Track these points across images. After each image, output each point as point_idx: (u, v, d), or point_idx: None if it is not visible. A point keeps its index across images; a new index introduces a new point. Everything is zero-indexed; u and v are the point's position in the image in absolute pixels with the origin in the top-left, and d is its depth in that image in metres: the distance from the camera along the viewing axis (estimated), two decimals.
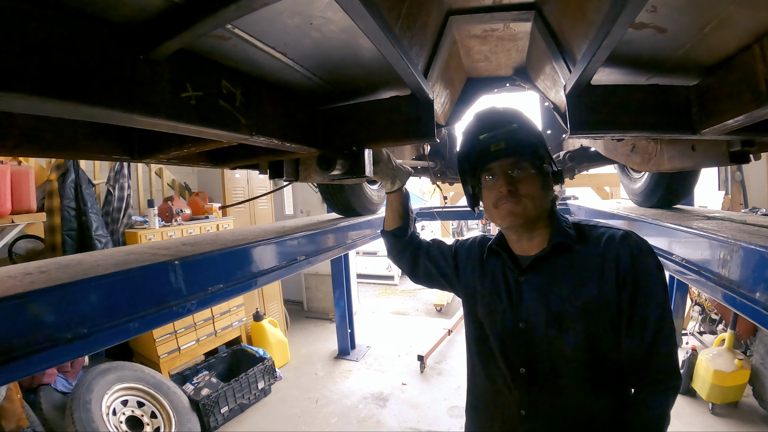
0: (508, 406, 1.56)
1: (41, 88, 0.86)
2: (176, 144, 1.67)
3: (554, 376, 1.44)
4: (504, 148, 1.46)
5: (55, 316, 1.26)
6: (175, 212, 5.51)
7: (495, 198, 1.48)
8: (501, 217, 1.49)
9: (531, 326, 1.48)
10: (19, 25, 0.82)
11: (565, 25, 1.51)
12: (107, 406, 4.01)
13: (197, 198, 6.23)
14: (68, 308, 1.29)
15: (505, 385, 1.56)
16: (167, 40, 1.01)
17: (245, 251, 2.09)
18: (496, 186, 1.48)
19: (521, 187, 1.45)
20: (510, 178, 1.46)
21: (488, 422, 1.67)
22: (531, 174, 1.46)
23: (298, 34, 1.23)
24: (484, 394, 1.69)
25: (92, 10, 0.95)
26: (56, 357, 1.25)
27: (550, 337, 1.44)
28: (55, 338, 1.24)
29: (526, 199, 1.44)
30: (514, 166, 1.46)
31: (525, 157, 1.47)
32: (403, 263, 2.01)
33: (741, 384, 4.57)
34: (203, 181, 6.96)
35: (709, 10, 1.14)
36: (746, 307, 1.42)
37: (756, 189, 6.79)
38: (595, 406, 1.45)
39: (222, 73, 1.33)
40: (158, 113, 1.10)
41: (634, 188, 3.37)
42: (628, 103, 1.66)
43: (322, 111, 1.91)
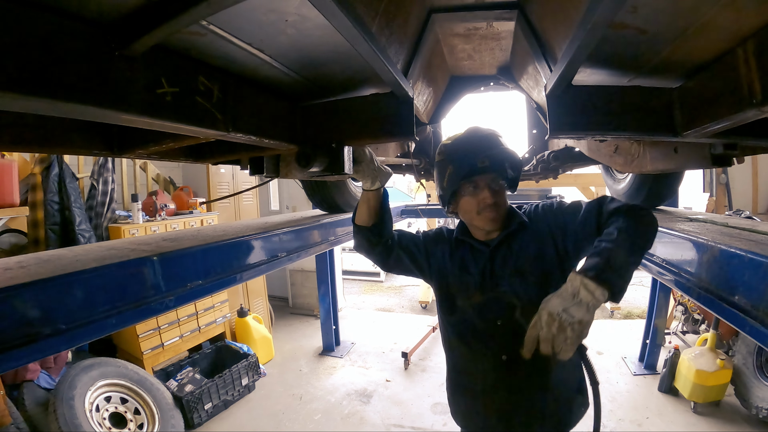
0: (490, 357, 1.84)
1: (16, 85, 0.87)
2: (154, 140, 1.66)
3: (526, 321, 1.48)
4: (489, 165, 1.74)
5: (34, 312, 1.27)
6: (159, 207, 5.46)
7: (478, 206, 1.79)
8: (483, 222, 1.82)
9: (500, 286, 1.80)
10: None
11: (547, 25, 1.52)
12: (90, 402, 3.98)
13: (182, 193, 6.18)
14: (47, 304, 1.30)
15: (483, 342, 1.86)
16: (142, 37, 1.01)
17: (225, 247, 2.08)
18: (480, 196, 1.78)
19: (499, 200, 1.79)
20: (493, 191, 1.77)
21: (470, 381, 1.95)
22: (503, 186, 1.83)
23: (274, 30, 1.23)
24: (463, 360, 1.98)
25: (67, 5, 0.94)
26: (35, 352, 1.26)
27: (515, 288, 1.76)
28: (34, 334, 1.25)
29: (501, 207, 1.81)
30: (494, 180, 1.79)
31: (502, 173, 1.80)
32: (373, 256, 2.10)
33: (723, 383, 4.61)
34: (188, 176, 6.91)
35: (691, 13, 1.14)
36: (724, 310, 1.43)
37: (740, 191, 6.87)
38: None
39: (199, 69, 1.33)
40: (133, 109, 1.10)
41: (618, 189, 3.39)
42: (610, 104, 1.68)
43: (302, 107, 1.91)
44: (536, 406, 1.83)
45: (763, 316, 1.23)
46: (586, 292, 1.29)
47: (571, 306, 1.30)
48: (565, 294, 1.33)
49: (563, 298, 1.32)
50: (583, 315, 1.28)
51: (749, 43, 1.21)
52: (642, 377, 5.48)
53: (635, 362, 5.80)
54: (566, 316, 1.28)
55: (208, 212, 6.16)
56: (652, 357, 5.66)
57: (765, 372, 4.46)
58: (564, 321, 1.28)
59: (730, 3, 1.05)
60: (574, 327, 1.27)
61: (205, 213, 6.07)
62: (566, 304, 1.30)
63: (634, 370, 5.62)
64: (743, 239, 1.61)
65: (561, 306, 1.30)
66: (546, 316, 1.32)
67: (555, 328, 1.29)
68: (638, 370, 5.64)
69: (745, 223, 2.19)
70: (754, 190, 6.88)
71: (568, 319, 1.28)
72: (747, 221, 2.32)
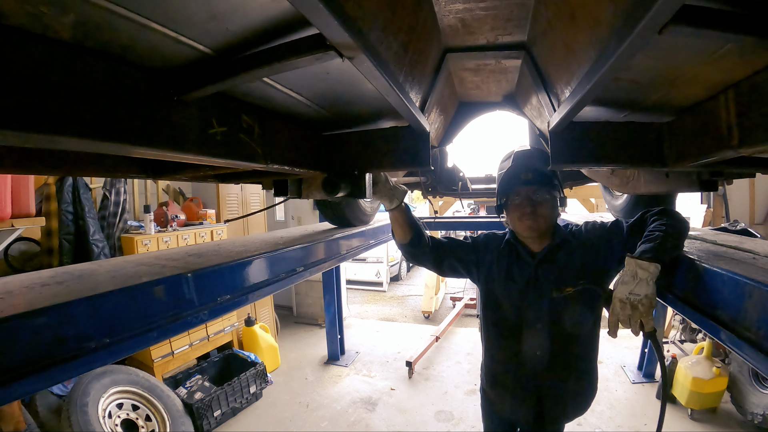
0: (526, 352, 2.12)
1: (91, 131, 0.99)
2: (193, 167, 1.80)
3: (559, 320, 2.04)
4: (531, 179, 2.03)
5: (80, 327, 1.30)
6: (170, 218, 5.55)
7: (519, 214, 2.06)
8: (522, 229, 2.09)
9: (542, 292, 2.04)
10: (65, 73, 0.94)
11: (551, 69, 1.66)
12: (103, 409, 4.04)
13: (192, 204, 6.27)
14: (92, 319, 1.34)
15: (521, 340, 2.12)
16: (203, 87, 1.16)
17: (251, 263, 2.17)
18: (522, 205, 2.04)
19: (539, 209, 2.02)
20: (532, 201, 2.03)
21: (506, 371, 2.25)
22: (546, 199, 2.04)
23: (315, 79, 1.38)
24: (500, 353, 2.25)
25: (132, 57, 1.07)
26: (81, 366, 1.30)
27: (552, 292, 1.91)
28: (80, 348, 1.29)
29: (541, 218, 2.03)
30: (536, 192, 2.03)
31: (544, 186, 2.04)
32: (426, 264, 2.37)
33: (719, 391, 4.72)
34: (197, 187, 7.00)
35: (678, 69, 1.30)
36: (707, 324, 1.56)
37: (738, 202, 6.95)
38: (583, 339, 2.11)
39: (242, 108, 1.47)
40: (191, 149, 1.24)
41: (616, 205, 3.54)
42: (606, 138, 1.89)
43: (325, 137, 2.06)
44: (562, 392, 2.14)
45: (740, 329, 1.37)
46: (641, 270, 1.57)
47: (634, 287, 1.57)
48: (626, 278, 1.61)
49: (625, 283, 1.60)
50: (646, 290, 1.55)
51: (730, 92, 1.36)
52: (640, 385, 5.59)
53: (634, 371, 5.90)
54: (633, 297, 1.56)
55: (217, 223, 6.26)
56: (650, 366, 5.76)
57: (760, 379, 4.56)
58: (633, 301, 1.56)
59: (713, 62, 1.20)
60: (642, 302, 1.55)
61: (214, 224, 6.16)
62: (630, 286, 1.58)
63: (632, 379, 5.73)
64: (726, 258, 1.74)
65: (627, 290, 1.58)
66: (618, 303, 1.61)
67: (628, 309, 1.57)
68: (637, 378, 5.74)
69: (732, 239, 2.30)
70: (751, 200, 6.96)
71: (635, 299, 1.56)
72: (734, 237, 2.43)
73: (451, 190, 3.61)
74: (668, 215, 1.82)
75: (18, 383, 1.12)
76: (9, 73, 0.85)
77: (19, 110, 0.86)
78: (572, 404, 2.19)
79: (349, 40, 0.86)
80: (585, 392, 2.20)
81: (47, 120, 0.91)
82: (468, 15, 1.60)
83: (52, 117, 0.92)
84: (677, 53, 1.21)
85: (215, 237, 6.01)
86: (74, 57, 0.96)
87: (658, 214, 1.85)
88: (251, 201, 7.28)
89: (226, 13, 0.96)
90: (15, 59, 0.86)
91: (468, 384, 5.75)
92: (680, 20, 0.82)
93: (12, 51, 0.85)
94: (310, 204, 8.41)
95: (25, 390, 1.16)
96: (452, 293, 10.70)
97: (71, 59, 0.96)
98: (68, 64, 0.95)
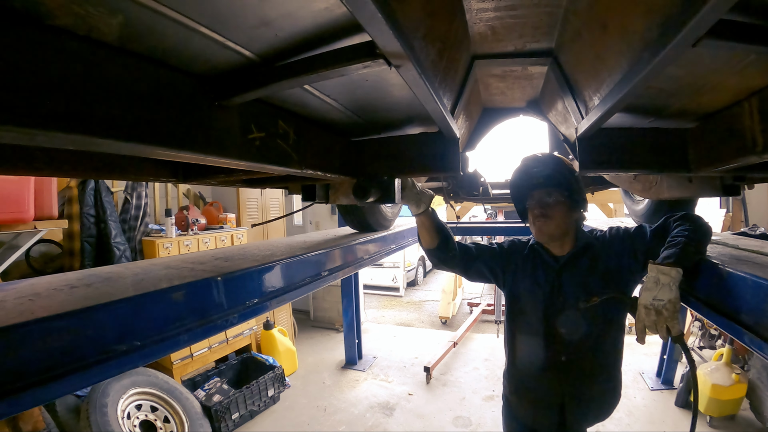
0: (550, 358, 2.13)
1: (135, 135, 1.01)
2: (225, 172, 1.83)
3: (584, 326, 2.04)
4: (540, 182, 2.07)
5: (112, 330, 1.30)
6: (191, 222, 5.61)
7: (533, 217, 2.09)
8: (535, 231, 2.13)
9: (566, 297, 2.06)
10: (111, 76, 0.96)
11: (579, 75, 1.68)
12: (122, 410, 4.09)
13: (212, 208, 6.33)
14: (123, 322, 1.34)
15: (546, 345, 2.13)
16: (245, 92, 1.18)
17: (279, 267, 2.18)
18: (533, 208, 2.09)
19: (550, 211, 2.04)
20: (543, 204, 2.06)
21: (530, 376, 2.26)
22: (560, 201, 2.04)
23: (354, 86, 1.41)
24: (524, 358, 2.26)
25: (175, 61, 1.10)
26: (112, 369, 1.30)
27: (579, 304, 1.94)
28: (111, 351, 1.28)
29: (552, 220, 2.04)
30: (548, 195, 2.05)
31: (556, 189, 2.04)
32: (453, 269, 2.41)
33: (738, 398, 4.67)
34: (217, 191, 7.08)
35: (705, 78, 1.32)
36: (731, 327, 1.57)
37: (756, 206, 6.86)
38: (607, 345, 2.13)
39: (278, 114, 1.50)
40: (231, 154, 1.27)
41: (637, 210, 3.55)
42: (632, 144, 1.93)
43: (354, 143, 2.09)
44: (586, 397, 2.15)
45: (764, 332, 1.37)
46: (663, 275, 1.60)
47: (657, 292, 1.59)
48: (649, 284, 1.63)
49: (648, 289, 1.63)
50: (669, 294, 1.58)
51: (753, 99, 1.39)
52: (659, 392, 5.55)
53: (653, 378, 5.86)
54: (657, 302, 1.59)
55: (237, 227, 6.31)
56: (669, 372, 5.72)
57: None
58: (657, 306, 1.59)
59: (738, 71, 1.23)
60: (666, 307, 1.58)
61: (234, 228, 6.20)
62: (653, 292, 1.61)
63: (651, 386, 5.69)
64: (749, 262, 1.74)
65: (650, 296, 1.61)
66: (643, 310, 1.63)
67: (653, 314, 1.60)
68: (655, 385, 5.70)
69: (754, 244, 2.30)
70: None
71: (659, 304, 1.59)
72: (756, 242, 2.43)
73: (472, 195, 3.61)
74: (691, 220, 1.85)
75: (55, 383, 1.13)
76: (56, 75, 0.86)
77: (67, 113, 0.87)
78: (595, 410, 2.20)
79: (400, 48, 0.89)
80: (609, 398, 2.20)
81: (95, 123, 0.92)
82: (498, 23, 1.61)
83: (99, 120, 0.93)
84: (704, 63, 1.23)
85: (235, 241, 6.05)
86: (119, 59, 0.98)
87: (681, 220, 1.87)
88: (270, 205, 7.34)
89: (278, 19, 0.98)
90: (61, 61, 0.87)
91: (486, 390, 5.73)
92: (713, 34, 0.84)
93: (58, 52, 0.86)
94: (327, 209, 8.46)
95: (61, 391, 1.17)
96: (469, 299, 10.64)
97: (116, 62, 0.98)
98: (113, 67, 0.97)
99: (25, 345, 1.09)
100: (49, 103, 0.84)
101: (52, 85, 0.85)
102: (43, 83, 0.84)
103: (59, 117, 0.86)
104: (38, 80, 0.83)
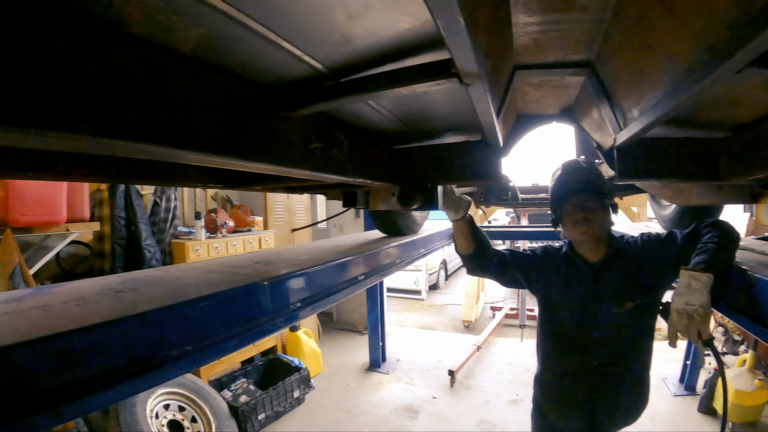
0: (582, 362, 2.19)
1: (210, 146, 1.04)
2: (276, 179, 1.89)
3: (616, 331, 2.11)
4: (581, 187, 2.12)
5: (163, 336, 1.30)
6: (219, 224, 5.68)
7: (573, 221, 2.13)
8: (578, 234, 2.15)
9: (600, 303, 2.12)
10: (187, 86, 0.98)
11: (618, 87, 1.72)
12: (151, 409, 4.18)
13: (239, 211, 6.39)
14: (175, 327, 1.33)
15: (578, 350, 2.20)
16: (311, 105, 1.24)
17: (319, 272, 2.19)
18: (575, 212, 2.12)
19: (592, 215, 2.09)
20: (585, 208, 2.10)
21: (562, 381, 2.32)
22: (598, 206, 2.10)
23: (412, 98, 1.47)
24: (556, 363, 2.33)
25: (245, 72, 1.15)
26: (165, 374, 1.29)
27: (613, 307, 2.05)
28: (163, 356, 1.28)
29: (595, 223, 2.09)
30: (587, 200, 2.11)
31: (594, 194, 2.11)
32: (488, 275, 2.46)
33: (760, 404, 4.66)
34: (244, 195, 7.09)
35: (740, 93, 1.38)
36: (761, 332, 1.62)
37: None
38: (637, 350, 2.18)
39: (334, 124, 1.56)
40: (295, 164, 1.33)
41: (664, 215, 3.59)
42: (668, 154, 2.01)
43: (397, 150, 2.15)
44: (616, 401, 2.21)
45: None
46: (695, 281, 1.64)
47: (689, 297, 1.63)
48: (681, 289, 1.67)
49: (680, 294, 1.67)
50: (701, 299, 1.62)
51: None
52: (682, 398, 5.53)
53: (675, 383, 5.83)
54: (689, 307, 1.63)
55: (264, 230, 6.37)
56: (692, 378, 5.69)
57: None
58: (689, 311, 1.63)
59: None
60: (698, 311, 1.61)
61: (262, 231, 6.26)
62: (685, 297, 1.65)
63: (674, 391, 5.67)
64: None
65: (682, 301, 1.65)
66: (675, 314, 1.67)
67: (685, 319, 1.63)
68: (678, 390, 5.68)
69: None
70: None
71: (691, 309, 1.62)
72: None
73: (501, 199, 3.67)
74: (721, 227, 1.89)
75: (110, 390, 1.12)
76: (135, 84, 0.87)
77: (146, 123, 0.88)
78: (624, 414, 2.25)
79: (476, 68, 0.94)
80: (638, 402, 2.26)
81: (172, 134, 0.94)
82: (542, 36, 1.66)
83: (176, 131, 0.95)
84: (741, 81, 1.27)
85: (263, 244, 6.12)
86: (193, 70, 1.01)
87: (711, 226, 1.91)
88: (297, 208, 7.42)
89: (360, 37, 1.03)
90: (139, 70, 0.88)
91: (509, 394, 5.74)
92: (756, 63, 0.88)
93: (136, 62, 0.87)
94: (351, 213, 8.48)
95: (115, 397, 1.15)
96: (492, 303, 10.65)
97: (190, 72, 1.00)
98: (188, 77, 0.99)
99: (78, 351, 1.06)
100: (126, 112, 0.85)
101: (132, 95, 0.86)
102: (123, 93, 0.85)
103: (138, 127, 0.87)
104: (118, 89, 0.84)
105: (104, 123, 0.81)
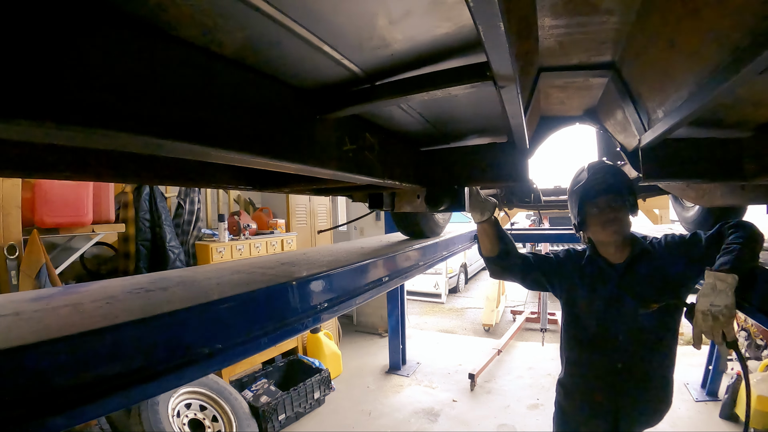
0: (606, 365, 2.20)
1: (248, 146, 1.06)
2: (305, 181, 1.93)
3: (641, 333, 2.12)
4: (608, 188, 2.14)
5: (195, 334, 1.29)
6: (242, 227, 5.74)
7: (603, 221, 2.14)
8: (608, 235, 2.16)
9: (624, 304, 2.13)
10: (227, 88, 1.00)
11: (643, 88, 1.74)
12: (173, 408, 4.24)
13: (262, 213, 6.44)
14: (205, 325, 1.33)
15: (602, 352, 2.21)
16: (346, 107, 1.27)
17: (345, 273, 2.19)
18: (604, 213, 2.14)
19: (619, 214, 2.11)
20: (613, 209, 2.12)
21: (585, 384, 2.31)
22: (623, 206, 2.13)
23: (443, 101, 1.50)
24: (580, 365, 2.33)
25: (282, 75, 1.17)
26: (196, 372, 1.29)
27: (637, 311, 2.04)
28: (195, 354, 1.28)
29: (621, 222, 2.12)
30: (614, 200, 2.13)
31: (620, 195, 2.13)
32: (511, 278, 2.48)
33: None
34: (266, 197, 7.22)
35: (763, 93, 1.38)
36: None
37: None
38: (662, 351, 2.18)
39: (366, 126, 1.59)
40: (330, 166, 1.37)
41: (687, 216, 3.59)
42: (693, 155, 2.02)
43: (423, 152, 2.18)
44: (639, 404, 2.20)
45: None
46: (720, 281, 1.65)
47: (714, 298, 1.64)
48: (706, 290, 1.68)
49: (705, 295, 1.68)
50: (726, 300, 1.63)
51: None
52: (704, 404, 5.46)
53: (697, 389, 5.77)
54: (714, 308, 1.64)
55: (286, 233, 6.41)
56: (714, 383, 5.63)
57: None
58: (714, 312, 1.63)
59: None
60: (723, 312, 1.62)
61: (284, 233, 6.31)
62: (710, 298, 1.66)
63: (696, 397, 5.60)
64: None
65: (707, 302, 1.66)
66: (700, 315, 1.68)
67: (710, 320, 1.64)
68: (700, 396, 5.61)
69: None
70: None
71: (716, 310, 1.63)
72: None
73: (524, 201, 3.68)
74: (745, 228, 1.90)
75: (141, 387, 1.12)
76: (178, 85, 0.88)
77: (188, 123, 0.90)
78: (647, 417, 2.24)
79: (511, 72, 0.96)
80: (661, 405, 2.25)
81: (213, 134, 0.96)
82: (567, 38, 1.69)
83: (217, 131, 0.97)
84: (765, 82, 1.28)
85: (285, 246, 6.18)
86: (233, 72, 1.03)
87: (735, 227, 1.92)
88: (318, 211, 7.46)
89: (400, 42, 1.05)
90: (182, 71, 0.90)
91: (530, 398, 5.71)
92: None
93: (182, 64, 0.89)
94: (372, 216, 8.51)
95: (146, 393, 1.16)
96: (512, 306, 10.56)
97: (231, 74, 1.02)
98: (229, 79, 1.01)
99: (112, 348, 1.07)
100: (173, 112, 0.87)
101: (175, 95, 0.88)
102: (167, 92, 0.86)
103: (181, 127, 0.89)
104: (162, 89, 0.86)
105: (153, 122, 0.83)
